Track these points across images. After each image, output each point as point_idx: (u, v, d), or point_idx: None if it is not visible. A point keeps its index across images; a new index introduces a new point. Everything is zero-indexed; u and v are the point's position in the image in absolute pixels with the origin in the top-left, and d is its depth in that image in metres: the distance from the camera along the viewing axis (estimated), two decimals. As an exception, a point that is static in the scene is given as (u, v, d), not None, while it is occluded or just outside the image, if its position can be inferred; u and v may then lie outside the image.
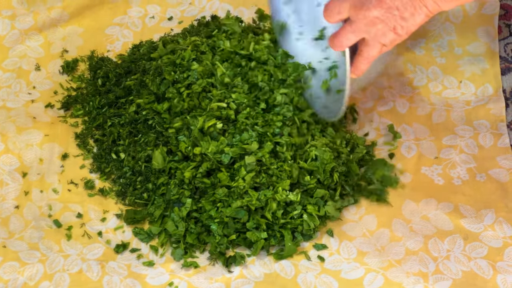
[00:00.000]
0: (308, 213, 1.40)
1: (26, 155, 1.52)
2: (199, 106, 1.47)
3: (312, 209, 1.40)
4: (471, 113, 1.58)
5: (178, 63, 1.52)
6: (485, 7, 1.72)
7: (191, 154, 1.42)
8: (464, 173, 1.49)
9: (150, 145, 1.47)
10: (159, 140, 1.47)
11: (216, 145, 1.41)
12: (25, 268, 1.35)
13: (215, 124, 1.43)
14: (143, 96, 1.52)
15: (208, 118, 1.43)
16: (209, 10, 1.80)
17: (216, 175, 1.41)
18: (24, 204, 1.45)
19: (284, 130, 1.45)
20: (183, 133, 1.44)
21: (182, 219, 1.39)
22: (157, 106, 1.49)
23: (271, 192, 1.38)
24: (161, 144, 1.46)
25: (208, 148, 1.41)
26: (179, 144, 1.43)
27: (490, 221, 1.41)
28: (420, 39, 1.71)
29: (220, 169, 1.41)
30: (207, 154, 1.41)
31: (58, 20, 1.78)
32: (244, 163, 1.40)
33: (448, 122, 1.57)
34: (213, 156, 1.40)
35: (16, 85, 1.65)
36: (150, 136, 1.48)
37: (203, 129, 1.43)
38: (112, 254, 1.39)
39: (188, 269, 1.37)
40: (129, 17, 1.80)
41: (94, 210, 1.46)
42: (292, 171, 1.41)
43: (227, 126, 1.44)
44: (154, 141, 1.48)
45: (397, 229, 1.41)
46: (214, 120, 1.43)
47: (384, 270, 1.35)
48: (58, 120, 1.59)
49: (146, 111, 1.51)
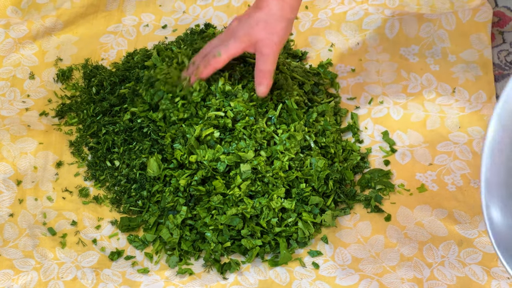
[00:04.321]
0: (303, 221, 1.40)
1: (21, 163, 1.52)
2: (196, 115, 1.47)
3: (307, 217, 1.40)
4: (465, 119, 1.58)
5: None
6: (478, 15, 1.73)
7: (186, 162, 1.42)
8: (458, 179, 1.49)
9: (145, 152, 1.47)
10: (154, 148, 1.47)
11: (212, 153, 1.41)
12: (19, 276, 1.35)
13: (212, 133, 1.43)
14: (137, 105, 1.52)
15: (205, 127, 1.43)
16: (203, 18, 1.81)
17: (211, 182, 1.41)
18: (18, 212, 1.45)
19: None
20: (178, 141, 1.44)
21: (177, 227, 1.39)
22: (152, 114, 1.49)
23: (266, 200, 1.38)
24: (156, 151, 1.46)
25: (205, 156, 1.41)
26: (175, 152, 1.43)
27: (484, 227, 1.41)
28: (414, 46, 1.72)
29: (215, 177, 1.41)
30: (203, 162, 1.41)
31: (52, 29, 1.78)
32: (240, 171, 1.40)
33: (442, 128, 1.57)
34: (208, 163, 1.40)
35: (11, 93, 1.65)
36: (145, 143, 1.48)
37: (199, 138, 1.43)
38: (107, 261, 1.39)
39: (183, 276, 1.37)
40: (123, 25, 1.81)
41: (89, 217, 1.46)
42: (288, 178, 1.41)
43: (224, 135, 1.44)
44: (149, 148, 1.48)
45: (391, 235, 1.41)
46: (212, 129, 1.43)
47: (378, 276, 1.35)
48: (52, 128, 1.59)
49: (141, 119, 1.51)
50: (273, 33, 1.43)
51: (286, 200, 1.40)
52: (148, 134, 1.49)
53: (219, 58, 1.45)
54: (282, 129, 1.46)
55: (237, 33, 1.44)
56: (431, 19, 1.75)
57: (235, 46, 1.45)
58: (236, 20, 1.47)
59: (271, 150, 1.43)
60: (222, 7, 1.83)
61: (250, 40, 1.44)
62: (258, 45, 1.44)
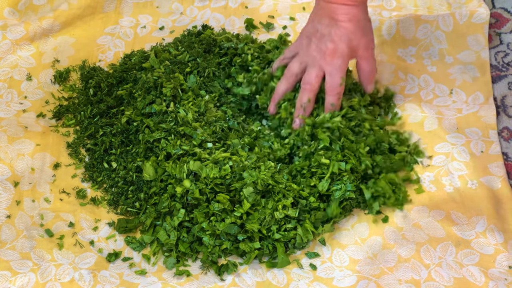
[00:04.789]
0: (304, 228, 1.39)
1: (18, 164, 1.52)
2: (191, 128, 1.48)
3: (309, 225, 1.39)
4: (463, 121, 1.58)
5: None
6: (475, 16, 1.73)
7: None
8: (456, 180, 1.49)
9: (141, 156, 1.47)
10: (150, 152, 1.47)
11: (216, 171, 1.41)
12: (16, 277, 1.34)
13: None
14: (132, 108, 1.52)
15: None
16: (200, 20, 1.81)
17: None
18: (15, 213, 1.45)
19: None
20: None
21: (174, 228, 1.39)
22: (146, 119, 1.49)
23: (270, 210, 1.38)
24: (152, 155, 1.46)
25: (210, 174, 1.41)
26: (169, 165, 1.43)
27: (481, 228, 1.41)
28: (411, 47, 1.72)
29: (218, 192, 1.40)
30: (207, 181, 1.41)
31: (49, 30, 1.78)
32: (244, 195, 1.39)
33: (439, 130, 1.57)
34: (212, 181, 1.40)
35: (8, 95, 1.65)
36: (140, 147, 1.48)
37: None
38: (104, 263, 1.39)
39: (180, 278, 1.36)
40: (120, 27, 1.80)
41: (86, 219, 1.46)
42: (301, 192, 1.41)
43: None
44: (144, 152, 1.47)
45: (389, 236, 1.41)
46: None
47: (376, 277, 1.35)
48: (49, 130, 1.59)
49: (137, 123, 1.51)
50: (367, 30, 1.49)
51: (291, 209, 1.39)
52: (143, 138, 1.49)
53: (344, 84, 1.49)
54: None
55: (342, 52, 1.47)
56: (428, 21, 1.75)
57: (346, 67, 1.49)
58: (319, 40, 1.48)
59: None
60: (219, 8, 1.83)
61: (354, 52, 1.49)
62: (361, 53, 1.49)
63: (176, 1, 1.85)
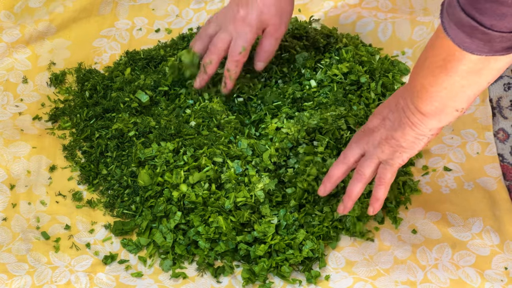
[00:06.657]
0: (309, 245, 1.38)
1: (14, 167, 1.52)
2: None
3: (311, 244, 1.38)
4: (459, 122, 1.58)
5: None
6: (471, 18, 1.73)
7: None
8: (452, 182, 1.49)
9: (135, 162, 1.47)
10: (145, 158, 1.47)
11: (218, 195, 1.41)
12: (13, 280, 1.34)
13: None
14: (124, 113, 1.53)
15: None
16: (196, 22, 1.81)
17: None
18: (11, 216, 1.45)
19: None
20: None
21: (170, 231, 1.39)
22: (141, 125, 1.50)
23: (273, 226, 1.38)
24: (148, 161, 1.46)
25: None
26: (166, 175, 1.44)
27: (478, 230, 1.41)
28: (407, 49, 1.72)
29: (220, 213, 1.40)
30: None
31: (45, 33, 1.78)
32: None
33: (435, 131, 1.57)
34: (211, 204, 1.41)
35: (4, 97, 1.65)
36: (133, 153, 1.47)
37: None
38: (101, 265, 1.39)
39: (176, 280, 1.36)
40: (116, 29, 1.80)
41: (82, 221, 1.45)
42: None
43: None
44: (136, 161, 1.47)
45: (385, 238, 1.41)
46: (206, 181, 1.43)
47: (372, 279, 1.35)
48: (45, 132, 1.59)
49: (126, 133, 1.51)
50: (283, 13, 1.48)
51: (296, 213, 1.39)
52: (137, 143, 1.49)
53: (245, 53, 1.48)
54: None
55: (250, 21, 1.47)
56: (424, 22, 1.75)
57: (252, 37, 1.48)
58: (236, 5, 1.48)
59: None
60: (215, 10, 1.83)
61: (263, 26, 1.48)
62: (269, 29, 1.49)
63: (172, 3, 1.85)
